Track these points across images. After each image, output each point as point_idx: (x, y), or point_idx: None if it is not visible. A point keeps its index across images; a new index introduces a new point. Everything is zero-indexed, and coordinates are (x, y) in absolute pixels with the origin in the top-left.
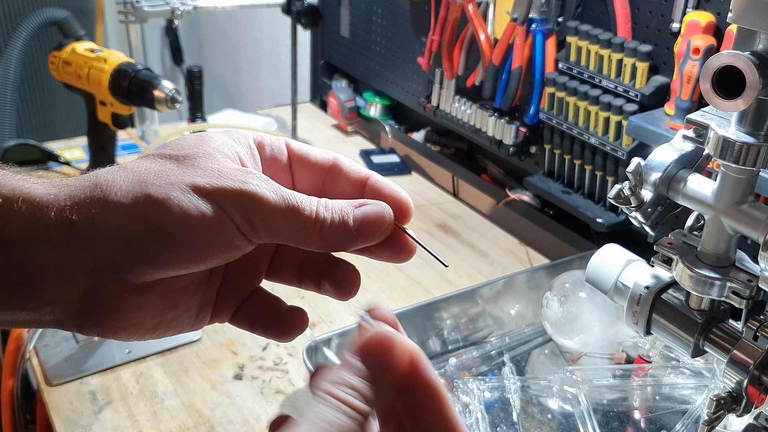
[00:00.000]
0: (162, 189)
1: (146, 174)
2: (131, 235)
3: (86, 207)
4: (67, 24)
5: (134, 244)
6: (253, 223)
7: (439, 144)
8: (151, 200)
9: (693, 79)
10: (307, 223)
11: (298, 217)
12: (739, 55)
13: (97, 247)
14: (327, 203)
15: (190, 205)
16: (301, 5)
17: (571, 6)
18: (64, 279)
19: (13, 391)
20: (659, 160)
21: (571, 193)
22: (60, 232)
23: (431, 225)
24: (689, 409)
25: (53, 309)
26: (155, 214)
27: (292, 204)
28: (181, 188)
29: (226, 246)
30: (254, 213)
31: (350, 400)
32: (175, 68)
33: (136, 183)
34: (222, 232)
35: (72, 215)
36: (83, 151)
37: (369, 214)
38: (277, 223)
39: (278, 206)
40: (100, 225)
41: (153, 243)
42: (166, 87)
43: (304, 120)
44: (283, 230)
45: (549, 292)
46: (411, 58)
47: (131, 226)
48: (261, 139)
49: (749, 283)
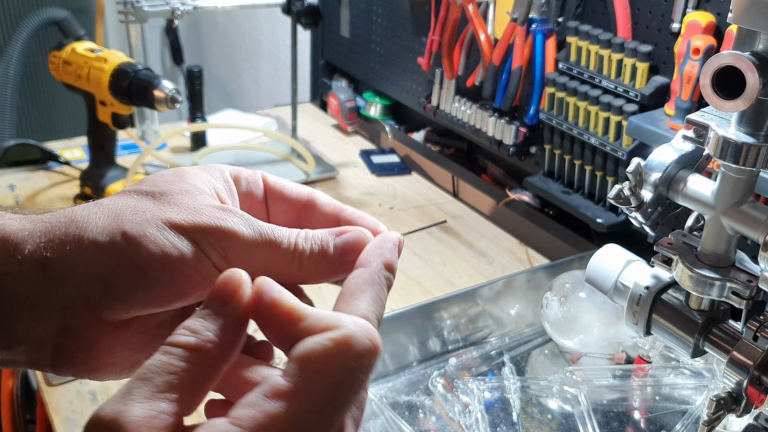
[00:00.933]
0: (138, 226)
1: (122, 210)
2: (106, 273)
3: (61, 244)
4: (67, 24)
5: (109, 281)
6: (230, 259)
7: (439, 144)
8: (126, 237)
9: (693, 79)
10: (285, 256)
11: (276, 251)
12: (739, 56)
13: (71, 284)
14: (306, 234)
15: (166, 242)
16: (301, 5)
17: (571, 6)
18: (38, 316)
19: (13, 391)
20: (659, 161)
21: (571, 194)
22: (34, 269)
23: None
24: (689, 409)
25: (27, 348)
26: (131, 251)
27: (269, 238)
28: (157, 225)
29: (202, 283)
30: (230, 249)
31: (172, 339)
32: (175, 68)
33: (112, 219)
34: (198, 269)
35: (46, 252)
36: (83, 150)
37: (349, 240)
38: (254, 259)
39: (255, 241)
40: (74, 262)
41: (128, 280)
42: (166, 87)
43: (304, 120)
44: (260, 265)
45: (549, 293)
46: (411, 58)
47: (106, 264)
48: (237, 174)
49: (749, 283)
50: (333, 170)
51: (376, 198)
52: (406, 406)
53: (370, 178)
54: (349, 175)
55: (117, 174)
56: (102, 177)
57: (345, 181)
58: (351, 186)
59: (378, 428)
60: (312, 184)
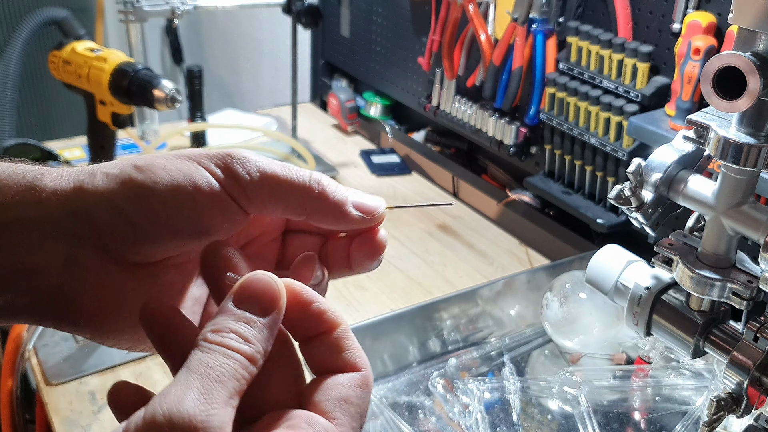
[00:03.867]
0: (148, 159)
1: (133, 155)
2: (116, 198)
3: (76, 178)
4: (67, 23)
5: (119, 207)
6: (242, 182)
7: (439, 144)
8: (137, 167)
9: (693, 79)
10: (301, 174)
11: (289, 170)
12: (739, 56)
13: (83, 215)
14: (323, 175)
15: (173, 168)
16: (302, 5)
17: (571, 6)
18: (44, 242)
19: (13, 391)
20: (660, 161)
21: (572, 194)
22: (50, 197)
23: (431, 225)
24: (689, 410)
25: (29, 284)
26: (141, 176)
27: (285, 164)
28: (166, 157)
29: (214, 210)
30: (242, 171)
31: (228, 342)
32: (175, 68)
33: (125, 158)
34: (209, 194)
35: (62, 183)
36: (83, 150)
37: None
38: (267, 182)
39: (266, 161)
40: (87, 193)
41: (138, 206)
42: (166, 86)
43: (304, 120)
44: (274, 191)
45: (549, 293)
46: (411, 58)
47: (117, 191)
48: None
49: (749, 284)
50: (333, 170)
51: None
52: (406, 406)
53: (370, 178)
54: (349, 175)
55: None
56: None
57: (345, 181)
58: (351, 186)
59: (378, 428)
60: None
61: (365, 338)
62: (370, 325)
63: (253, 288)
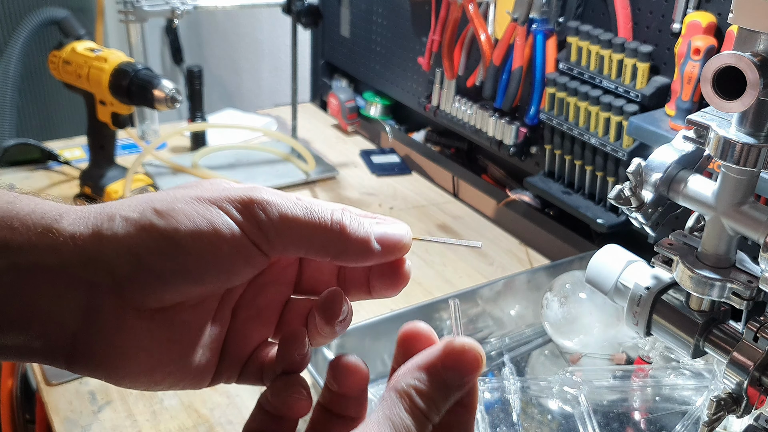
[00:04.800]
0: (168, 202)
1: (152, 195)
2: (137, 247)
3: (95, 221)
4: (67, 23)
5: (139, 255)
6: (263, 228)
7: (439, 144)
8: (157, 211)
9: (693, 79)
10: (323, 219)
11: (312, 215)
12: (739, 56)
13: (101, 262)
14: (345, 208)
15: (195, 214)
16: (302, 5)
17: (571, 6)
18: (63, 291)
19: (13, 391)
20: (660, 161)
21: (572, 194)
22: (66, 243)
23: (431, 225)
24: (689, 410)
25: (45, 330)
26: (161, 223)
27: (305, 205)
28: (186, 200)
29: (235, 257)
30: (264, 216)
31: (428, 413)
32: (175, 68)
33: (143, 200)
34: (231, 241)
35: (80, 227)
36: (83, 150)
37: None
38: (290, 223)
39: (289, 207)
40: (106, 239)
41: (158, 253)
42: (166, 86)
43: (304, 120)
44: (297, 229)
45: (549, 293)
46: (411, 58)
47: (137, 236)
48: None
49: (749, 284)
50: (333, 170)
51: (376, 198)
52: None
53: (370, 178)
54: (349, 175)
55: (117, 174)
56: (102, 177)
57: (345, 181)
58: (351, 186)
59: None
60: (312, 184)
61: (365, 338)
62: (370, 325)
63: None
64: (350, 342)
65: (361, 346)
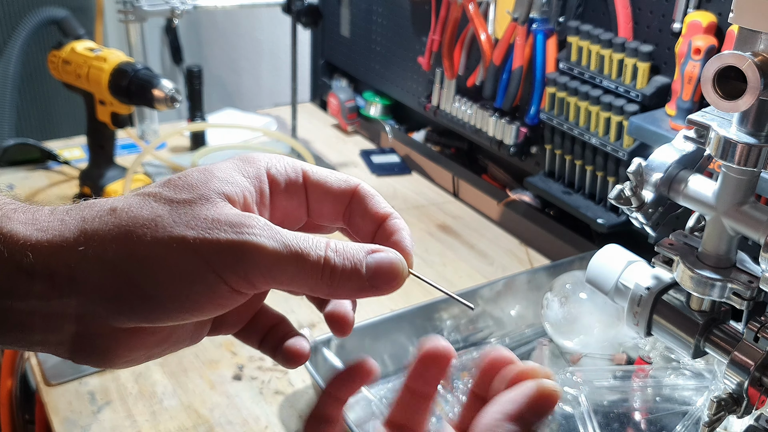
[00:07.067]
0: (147, 247)
1: (134, 225)
2: (112, 292)
3: (69, 258)
4: (66, 23)
5: (115, 301)
6: (249, 277)
7: (439, 144)
8: (134, 258)
9: (694, 79)
10: (314, 269)
11: (303, 264)
12: (740, 56)
13: (80, 298)
14: (336, 247)
15: (175, 266)
16: (302, 4)
17: (572, 6)
18: (50, 325)
19: (12, 391)
20: (660, 161)
21: (572, 194)
22: (42, 284)
23: (431, 225)
24: (690, 410)
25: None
26: (138, 273)
27: (296, 250)
28: (167, 244)
29: (213, 304)
30: (251, 265)
31: None
32: (174, 68)
33: (122, 235)
34: (211, 290)
35: (54, 267)
36: (83, 150)
37: (383, 264)
38: (279, 272)
39: (280, 253)
40: (81, 279)
41: (135, 300)
42: (165, 86)
43: (304, 120)
44: (286, 278)
45: (549, 293)
46: (411, 58)
47: (113, 283)
48: (275, 174)
49: (750, 284)
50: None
51: None
52: None
53: (370, 178)
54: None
55: (116, 173)
56: (101, 176)
57: None
58: None
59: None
60: None
61: (365, 338)
62: (370, 325)
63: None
64: (350, 342)
65: (361, 346)
